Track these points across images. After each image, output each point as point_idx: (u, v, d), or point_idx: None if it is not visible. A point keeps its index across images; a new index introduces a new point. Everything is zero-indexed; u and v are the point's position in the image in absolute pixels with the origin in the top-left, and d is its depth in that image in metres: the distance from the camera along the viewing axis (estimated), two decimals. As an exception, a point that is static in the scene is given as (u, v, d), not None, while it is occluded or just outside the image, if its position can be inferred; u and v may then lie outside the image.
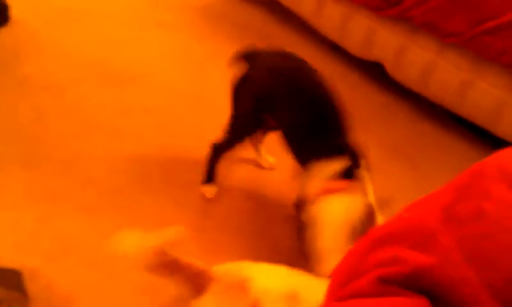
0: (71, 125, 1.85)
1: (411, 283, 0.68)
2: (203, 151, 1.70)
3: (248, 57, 1.64)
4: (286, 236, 1.66)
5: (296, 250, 1.55)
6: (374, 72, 2.46)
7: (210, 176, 1.72)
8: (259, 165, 1.88)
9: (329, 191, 1.43)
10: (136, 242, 1.08)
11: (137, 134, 1.89)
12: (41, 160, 1.69)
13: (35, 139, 1.75)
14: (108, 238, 1.49)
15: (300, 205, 1.51)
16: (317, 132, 1.51)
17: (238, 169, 1.87)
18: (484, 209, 0.75)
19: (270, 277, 1.17)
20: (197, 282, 1.09)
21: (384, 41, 2.27)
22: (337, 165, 1.46)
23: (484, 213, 0.74)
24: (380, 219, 1.41)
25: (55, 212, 1.56)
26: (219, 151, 1.69)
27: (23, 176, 1.63)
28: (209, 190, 1.73)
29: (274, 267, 1.24)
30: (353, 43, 2.37)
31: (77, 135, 1.82)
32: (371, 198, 1.42)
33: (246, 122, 1.65)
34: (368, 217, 1.37)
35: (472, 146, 2.24)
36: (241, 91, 1.62)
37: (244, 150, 1.87)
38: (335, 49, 2.56)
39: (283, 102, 1.54)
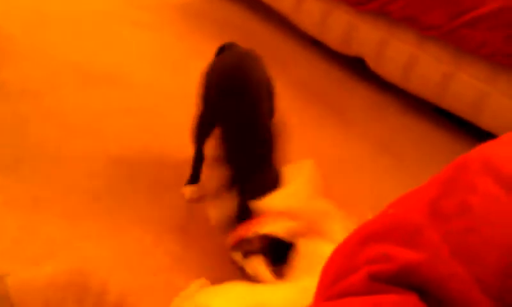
0: (51, 130, 1.82)
1: (400, 280, 0.68)
2: (185, 151, 1.68)
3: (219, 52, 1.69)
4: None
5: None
6: (357, 67, 2.47)
7: (192, 178, 1.71)
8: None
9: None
10: None
11: (118, 136, 1.87)
12: (22, 167, 1.66)
13: (15, 145, 1.72)
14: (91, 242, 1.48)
15: None
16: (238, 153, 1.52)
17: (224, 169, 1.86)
18: (469, 203, 0.75)
19: (228, 301, 1.19)
20: None
21: (364, 36, 2.28)
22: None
23: (469, 208, 0.74)
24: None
25: (38, 218, 1.53)
26: (197, 151, 1.69)
27: (4, 184, 1.59)
28: (188, 192, 1.71)
29: (236, 287, 1.26)
30: (333, 38, 2.38)
31: (58, 139, 1.79)
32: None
33: (201, 126, 1.65)
34: None
35: (456, 138, 2.26)
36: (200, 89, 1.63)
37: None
38: (316, 45, 2.56)
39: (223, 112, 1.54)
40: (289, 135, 1.58)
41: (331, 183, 1.90)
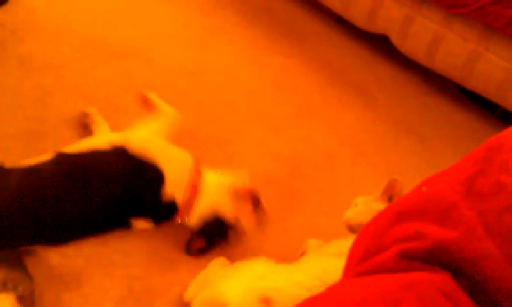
0: (74, 103, 1.82)
1: (433, 258, 0.68)
2: (206, 127, 1.68)
3: None
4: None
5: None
6: (381, 44, 2.43)
7: None
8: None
9: None
10: None
11: (139, 111, 1.87)
12: (46, 139, 1.67)
13: (39, 118, 1.73)
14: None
15: None
16: None
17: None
18: (504, 182, 0.74)
19: (241, 289, 1.20)
20: None
21: (389, 13, 2.23)
22: None
23: (504, 187, 0.73)
24: None
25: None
26: None
27: (28, 155, 1.61)
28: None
29: (245, 271, 1.26)
30: (358, 15, 2.33)
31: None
32: None
33: None
34: None
35: (477, 118, 2.23)
36: None
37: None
38: (341, 22, 2.53)
39: None
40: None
41: (353, 162, 1.90)
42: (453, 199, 0.71)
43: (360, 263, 0.74)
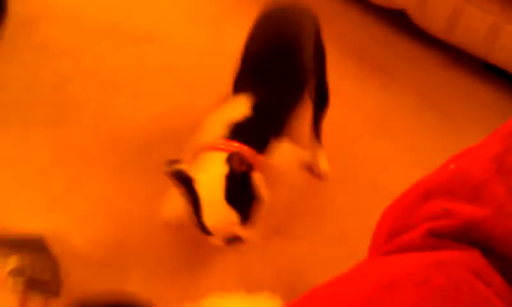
0: (92, 88, 1.83)
1: (463, 236, 0.66)
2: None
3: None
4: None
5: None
6: (399, 20, 2.38)
7: None
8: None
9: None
10: None
11: (157, 93, 1.87)
12: (66, 124, 1.68)
13: (58, 104, 1.74)
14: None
15: None
16: None
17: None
18: (535, 157, 0.72)
19: None
20: None
21: (406, -14, 2.18)
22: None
23: (535, 162, 0.71)
24: None
25: (80, 176, 1.56)
26: None
27: (49, 141, 1.62)
28: None
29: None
30: (374, -10, 2.29)
31: (99, 97, 1.80)
32: None
33: None
34: None
35: (503, 94, 2.18)
36: None
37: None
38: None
39: None
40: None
41: (374, 140, 1.88)
42: (483, 176, 0.69)
43: (387, 242, 0.73)
